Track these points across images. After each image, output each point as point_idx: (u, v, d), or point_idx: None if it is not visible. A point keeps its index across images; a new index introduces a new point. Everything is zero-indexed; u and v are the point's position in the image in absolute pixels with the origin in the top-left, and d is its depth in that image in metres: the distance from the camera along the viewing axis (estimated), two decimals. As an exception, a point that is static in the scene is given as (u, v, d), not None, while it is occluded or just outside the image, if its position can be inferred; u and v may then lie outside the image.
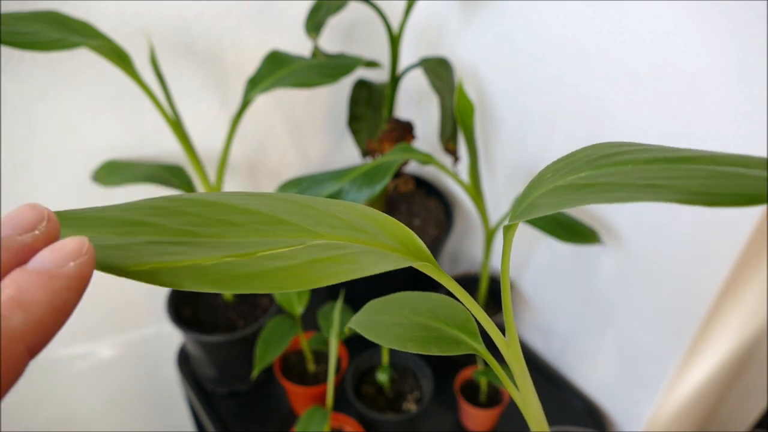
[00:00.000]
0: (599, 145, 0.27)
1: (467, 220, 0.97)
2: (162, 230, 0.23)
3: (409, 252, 0.27)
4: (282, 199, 0.27)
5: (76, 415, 0.93)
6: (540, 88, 0.74)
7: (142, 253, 0.21)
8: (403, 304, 0.38)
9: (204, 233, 0.24)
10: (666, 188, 0.21)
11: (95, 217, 0.23)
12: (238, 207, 0.25)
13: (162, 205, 0.25)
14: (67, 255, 0.20)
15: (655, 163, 0.24)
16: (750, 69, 0.53)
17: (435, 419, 0.81)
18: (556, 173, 0.27)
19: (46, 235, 0.20)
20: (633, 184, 0.23)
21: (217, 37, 0.76)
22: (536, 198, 0.27)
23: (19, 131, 0.69)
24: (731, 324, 0.69)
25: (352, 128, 0.83)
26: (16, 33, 0.53)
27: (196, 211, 0.25)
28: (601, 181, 0.24)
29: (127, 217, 0.24)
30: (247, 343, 0.77)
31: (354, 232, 0.26)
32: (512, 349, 0.33)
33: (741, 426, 0.89)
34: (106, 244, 0.22)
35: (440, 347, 0.35)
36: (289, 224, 0.25)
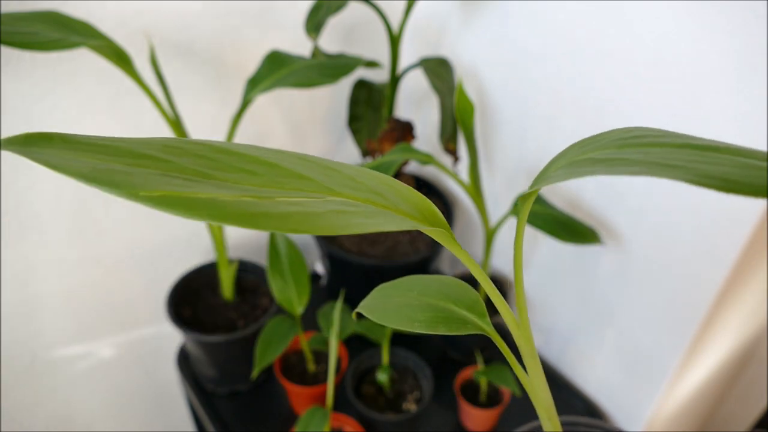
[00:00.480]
0: (633, 128, 0.27)
1: (467, 220, 0.97)
2: (173, 167, 0.22)
3: (425, 219, 0.27)
4: (301, 158, 0.26)
5: (76, 415, 0.93)
6: (540, 88, 0.74)
7: (154, 181, 0.20)
8: (411, 285, 0.38)
9: (220, 177, 0.23)
10: (683, 169, 0.21)
11: (103, 145, 0.22)
12: (257, 157, 0.25)
13: (174, 144, 0.24)
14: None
15: (685, 148, 0.23)
16: (750, 69, 0.53)
17: (435, 419, 0.82)
18: (580, 148, 0.27)
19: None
20: (651, 161, 0.22)
21: (217, 37, 0.76)
22: (554, 169, 0.27)
23: (19, 131, 0.69)
24: (731, 324, 0.69)
25: (352, 128, 0.83)
26: (16, 33, 0.53)
27: (213, 155, 0.24)
28: (619, 157, 0.24)
29: (137, 149, 0.22)
30: (247, 343, 0.77)
31: (372, 195, 0.26)
32: (523, 330, 0.32)
33: (741, 426, 0.89)
34: (114, 169, 0.21)
35: (448, 327, 0.34)
36: (308, 180, 0.25)
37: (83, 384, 0.91)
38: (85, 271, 0.82)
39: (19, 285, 0.77)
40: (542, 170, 0.28)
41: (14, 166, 0.70)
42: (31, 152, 0.20)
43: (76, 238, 0.79)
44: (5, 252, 0.74)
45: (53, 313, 0.82)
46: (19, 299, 0.78)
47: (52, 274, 0.79)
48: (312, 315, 0.85)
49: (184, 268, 0.88)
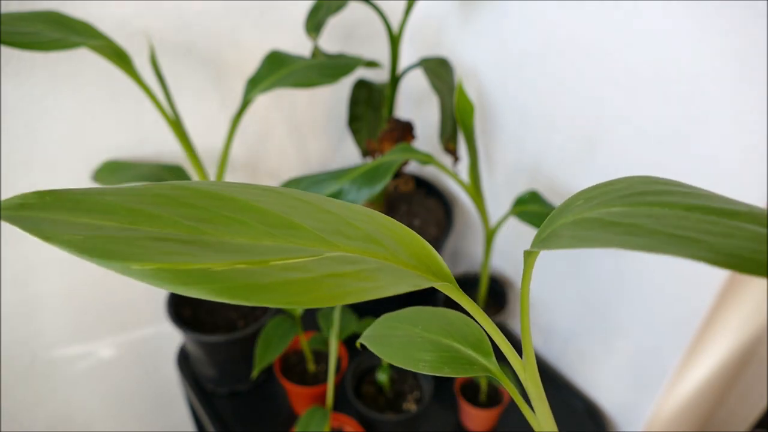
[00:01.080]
0: (636, 179, 0.26)
1: (467, 220, 0.97)
2: (166, 223, 0.22)
3: (428, 270, 0.26)
4: (294, 198, 0.25)
5: (76, 415, 0.93)
6: (540, 87, 0.74)
7: (147, 249, 0.20)
8: (416, 319, 0.37)
9: (210, 231, 0.22)
10: (700, 244, 0.20)
11: (95, 201, 0.22)
12: (248, 203, 0.24)
13: (165, 193, 0.23)
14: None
15: (695, 212, 0.22)
16: (750, 69, 0.53)
17: (435, 419, 0.82)
18: (586, 202, 0.26)
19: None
20: (664, 232, 0.21)
21: (217, 37, 0.76)
22: (560, 227, 0.25)
23: (19, 131, 0.69)
24: (731, 324, 0.69)
25: (352, 128, 0.83)
26: (16, 33, 0.53)
27: (202, 203, 0.23)
28: (629, 222, 0.22)
29: (129, 204, 0.22)
30: (247, 343, 0.77)
31: (371, 245, 0.24)
32: (529, 372, 0.32)
33: (741, 426, 0.89)
34: (106, 236, 0.20)
35: (454, 368, 0.33)
36: (302, 229, 0.24)
37: (83, 384, 0.91)
38: (85, 271, 0.82)
39: (19, 285, 0.77)
40: (544, 224, 0.27)
41: (15, 166, 0.70)
42: (22, 218, 0.20)
43: (76, 238, 0.79)
44: (5, 252, 0.74)
45: (53, 313, 0.82)
46: (19, 299, 0.78)
47: (52, 274, 0.79)
48: (312, 315, 0.85)
49: (184, 268, 0.88)
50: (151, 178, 0.71)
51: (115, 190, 0.23)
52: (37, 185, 0.72)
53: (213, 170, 0.81)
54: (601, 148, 0.69)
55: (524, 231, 0.85)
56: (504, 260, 0.92)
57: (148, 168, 0.74)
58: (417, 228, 0.88)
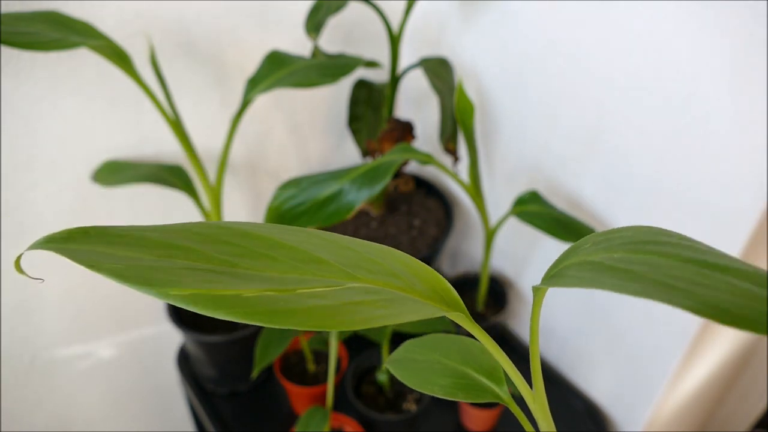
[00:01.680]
0: (642, 228, 0.27)
1: (467, 220, 0.97)
2: (200, 256, 0.24)
3: (442, 301, 0.28)
4: (320, 237, 0.27)
5: (76, 415, 0.93)
6: (540, 87, 0.74)
7: (183, 277, 0.22)
8: (435, 346, 0.39)
9: (242, 264, 0.24)
10: (683, 293, 0.21)
11: (136, 237, 0.24)
12: (277, 241, 0.26)
13: (200, 231, 0.25)
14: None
15: (691, 264, 0.23)
16: (750, 69, 0.53)
17: (435, 419, 0.82)
18: (594, 246, 0.28)
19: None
20: (655, 279, 0.23)
21: (217, 37, 0.76)
22: (566, 267, 0.27)
23: (19, 131, 0.69)
24: (731, 324, 0.69)
25: (352, 128, 0.83)
26: (16, 33, 0.53)
27: (235, 241, 0.25)
28: (625, 267, 0.24)
29: (167, 239, 0.24)
30: (247, 343, 0.77)
31: (390, 278, 0.26)
32: (539, 402, 0.33)
33: (741, 426, 0.89)
34: (145, 265, 0.22)
35: (466, 394, 0.35)
36: (327, 264, 0.26)
37: (83, 384, 0.91)
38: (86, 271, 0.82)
39: (19, 285, 0.77)
40: (557, 260, 0.29)
41: (15, 166, 0.70)
42: (69, 250, 0.22)
43: (76, 238, 0.79)
44: (5, 252, 0.74)
45: (53, 313, 0.82)
46: (19, 299, 0.78)
47: (52, 274, 0.79)
48: (312, 315, 0.85)
49: (184, 268, 0.88)
50: (151, 178, 0.71)
51: (152, 227, 0.25)
52: (37, 185, 0.72)
53: (213, 170, 0.81)
54: (601, 149, 0.69)
55: (524, 231, 0.85)
56: (504, 260, 0.92)
57: (148, 168, 0.74)
58: (417, 228, 0.89)
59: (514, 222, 0.85)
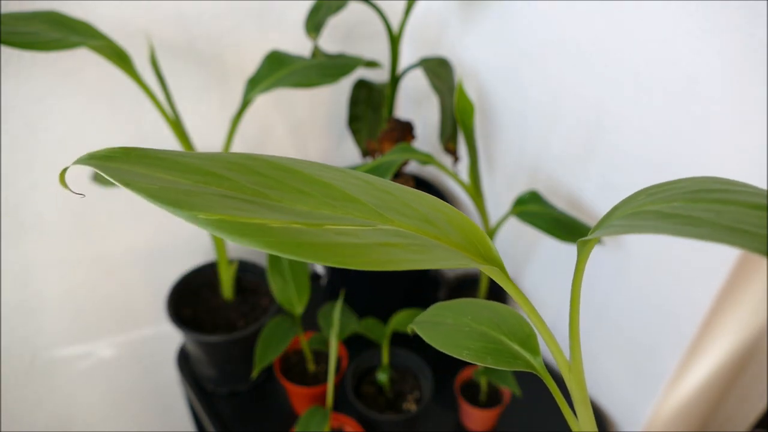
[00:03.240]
0: (701, 178, 0.26)
1: (467, 220, 0.97)
2: (235, 186, 0.23)
3: (477, 253, 0.26)
4: (357, 177, 0.27)
5: (76, 415, 0.93)
6: (540, 88, 0.74)
7: (213, 203, 0.22)
8: (466, 310, 0.37)
9: (275, 197, 0.24)
10: (757, 237, 0.20)
11: (174, 161, 0.24)
12: (313, 177, 0.25)
13: (239, 161, 0.25)
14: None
15: (759, 210, 0.22)
16: (750, 69, 0.53)
17: (435, 419, 0.81)
18: (648, 197, 0.26)
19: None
20: (721, 224, 0.21)
21: (217, 37, 0.76)
22: (618, 217, 0.26)
23: (19, 131, 0.69)
24: (731, 324, 0.69)
25: (352, 128, 0.83)
26: (16, 33, 0.53)
27: (271, 173, 0.25)
28: (688, 214, 0.23)
29: (204, 166, 0.24)
30: (247, 343, 0.77)
31: (424, 224, 0.25)
32: (575, 374, 0.31)
33: (741, 426, 0.89)
34: (180, 189, 0.22)
35: (496, 360, 0.33)
36: (360, 203, 0.25)
37: (83, 384, 0.91)
38: (86, 271, 0.82)
39: (19, 285, 0.77)
40: (605, 216, 0.27)
41: (15, 166, 0.70)
42: (108, 167, 0.22)
43: (76, 238, 0.79)
44: (5, 252, 0.74)
45: (53, 313, 0.82)
46: (19, 299, 0.78)
47: (53, 274, 0.79)
48: (312, 315, 0.85)
49: (184, 268, 0.88)
50: (151, 178, 0.71)
51: (193, 154, 0.25)
52: (37, 185, 0.72)
53: (213, 170, 0.81)
54: (601, 149, 0.69)
55: (524, 231, 0.85)
56: (504, 260, 0.92)
57: (148, 168, 0.73)
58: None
59: (514, 222, 0.85)
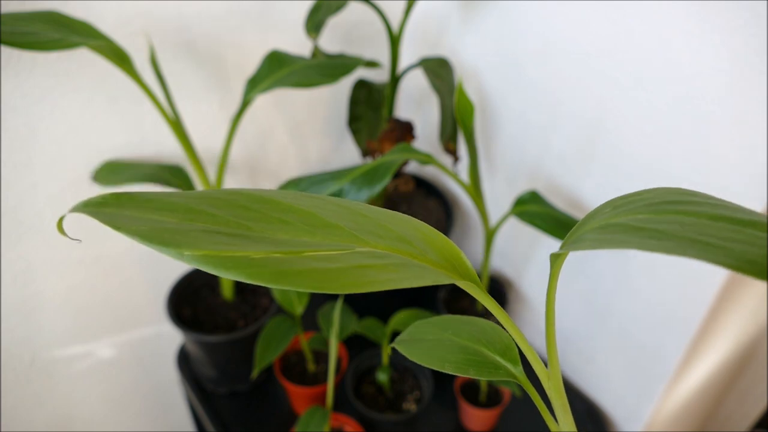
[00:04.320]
0: (664, 189, 0.27)
1: (467, 220, 0.97)
2: (219, 221, 0.25)
3: (454, 269, 0.27)
4: (334, 203, 0.28)
5: (76, 415, 0.93)
6: (540, 87, 0.74)
7: (198, 239, 0.23)
8: (446, 325, 0.38)
9: (257, 228, 0.25)
10: (719, 249, 0.20)
11: (161, 201, 0.25)
12: (292, 206, 0.27)
13: (222, 197, 0.26)
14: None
15: (720, 221, 0.23)
16: (750, 69, 0.53)
17: (435, 419, 0.82)
18: (614, 210, 0.27)
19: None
20: (687, 237, 0.22)
21: (217, 37, 0.76)
22: (587, 231, 0.27)
23: (19, 131, 0.69)
24: (731, 324, 0.69)
25: (352, 128, 0.83)
26: (16, 33, 0.53)
27: (251, 205, 0.26)
28: (653, 227, 0.23)
29: (189, 204, 0.25)
30: (247, 343, 0.77)
31: (400, 244, 0.26)
32: (554, 382, 0.32)
33: (741, 426, 0.89)
34: (166, 228, 0.24)
35: (478, 371, 0.34)
36: (338, 228, 0.26)
37: (83, 384, 0.91)
38: (86, 271, 0.82)
39: (19, 285, 0.77)
40: (573, 230, 0.28)
41: (15, 166, 0.70)
42: (101, 214, 0.24)
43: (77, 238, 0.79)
44: (5, 252, 0.74)
45: (53, 313, 0.82)
46: (19, 299, 0.78)
47: (53, 274, 0.79)
48: (312, 315, 0.85)
49: (184, 268, 0.88)
50: (152, 178, 0.71)
51: (179, 193, 0.26)
52: (37, 185, 0.72)
53: (213, 170, 0.81)
54: (601, 149, 0.69)
55: (524, 231, 0.85)
56: (504, 260, 0.92)
57: (148, 168, 0.74)
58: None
59: (514, 222, 0.85)
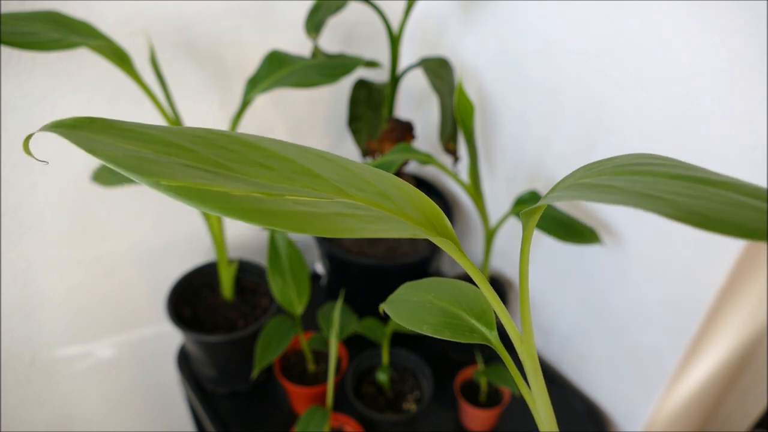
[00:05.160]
0: (635, 155, 0.27)
1: (467, 220, 0.97)
2: (198, 157, 0.24)
3: (431, 227, 0.28)
4: (318, 155, 0.27)
5: (76, 415, 0.93)
6: (540, 87, 0.74)
7: (176, 171, 0.22)
8: (431, 288, 0.39)
9: (237, 170, 0.24)
10: (663, 201, 0.21)
11: (138, 132, 0.24)
12: (276, 153, 0.26)
13: (202, 135, 0.26)
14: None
15: (678, 180, 0.23)
16: (750, 69, 0.53)
17: (435, 419, 0.82)
18: (585, 172, 0.28)
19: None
20: (635, 191, 0.23)
21: (217, 37, 0.76)
22: (555, 190, 0.28)
23: (19, 131, 0.69)
24: (731, 324, 0.69)
25: (352, 128, 0.83)
26: (16, 33, 0.53)
27: (235, 148, 0.26)
28: (609, 184, 0.24)
29: (168, 138, 0.24)
30: (247, 343, 0.77)
31: (381, 199, 0.27)
32: (526, 345, 0.33)
33: (741, 426, 0.89)
34: (143, 157, 0.23)
35: (453, 333, 0.35)
36: (320, 178, 0.26)
37: (83, 384, 0.91)
38: (86, 271, 0.82)
39: (19, 285, 0.77)
40: (550, 189, 0.29)
41: (15, 166, 0.70)
42: (74, 135, 0.23)
43: (77, 238, 0.79)
44: (5, 252, 0.74)
45: (53, 313, 0.82)
46: (19, 299, 0.78)
47: (52, 274, 0.79)
48: (312, 315, 0.85)
49: (184, 268, 0.88)
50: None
51: (157, 126, 0.25)
52: (37, 185, 0.72)
53: (213, 170, 0.80)
54: (601, 149, 0.69)
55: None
56: (504, 260, 0.92)
57: (148, 168, 0.73)
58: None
59: (514, 222, 0.85)
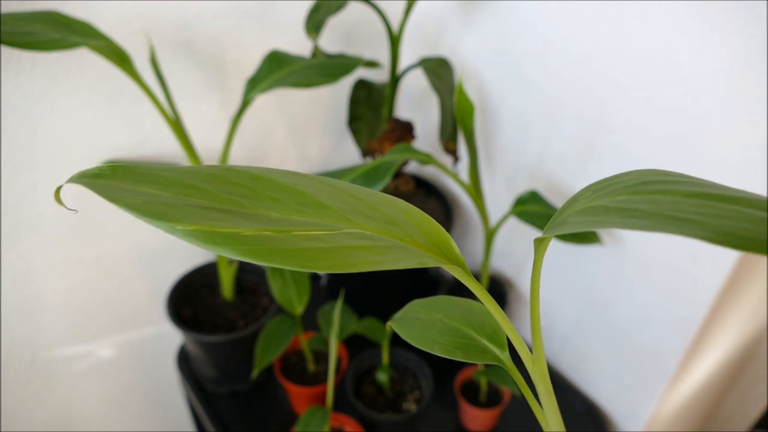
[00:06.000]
0: (642, 171, 0.27)
1: (467, 220, 0.97)
2: (212, 197, 0.25)
3: (440, 253, 0.28)
4: (327, 184, 0.28)
5: (76, 415, 0.93)
6: (540, 87, 0.74)
7: (191, 214, 0.23)
8: (439, 306, 0.39)
9: (249, 205, 0.25)
10: (695, 224, 0.21)
11: (156, 175, 0.25)
12: (285, 185, 0.27)
13: (216, 173, 0.27)
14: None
15: (695, 198, 0.24)
16: (750, 69, 0.53)
17: (435, 419, 0.82)
18: (594, 194, 0.27)
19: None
20: (662, 214, 0.23)
21: (217, 37, 0.76)
22: (568, 215, 0.27)
23: (19, 131, 0.69)
24: (731, 324, 0.69)
25: (352, 128, 0.83)
26: (16, 33, 0.53)
27: (246, 183, 0.27)
28: (632, 207, 0.24)
29: (184, 179, 0.26)
30: (247, 343, 0.77)
31: (389, 226, 0.27)
32: (538, 366, 0.33)
33: (741, 426, 0.89)
34: (161, 202, 0.24)
35: (466, 354, 0.35)
36: (329, 209, 0.26)
37: (83, 384, 0.91)
38: (86, 271, 0.82)
39: (19, 285, 0.77)
40: (555, 214, 0.29)
41: (15, 166, 0.70)
42: (97, 185, 0.24)
43: (77, 238, 0.79)
44: (5, 252, 0.74)
45: (53, 313, 0.82)
46: (19, 299, 0.78)
47: (52, 274, 0.79)
48: (312, 315, 0.85)
49: (184, 268, 0.88)
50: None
51: (175, 168, 0.26)
52: (37, 185, 0.72)
53: (213, 170, 0.80)
54: (601, 148, 0.69)
55: (524, 231, 0.85)
56: (504, 260, 0.92)
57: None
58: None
59: (514, 222, 0.85)
